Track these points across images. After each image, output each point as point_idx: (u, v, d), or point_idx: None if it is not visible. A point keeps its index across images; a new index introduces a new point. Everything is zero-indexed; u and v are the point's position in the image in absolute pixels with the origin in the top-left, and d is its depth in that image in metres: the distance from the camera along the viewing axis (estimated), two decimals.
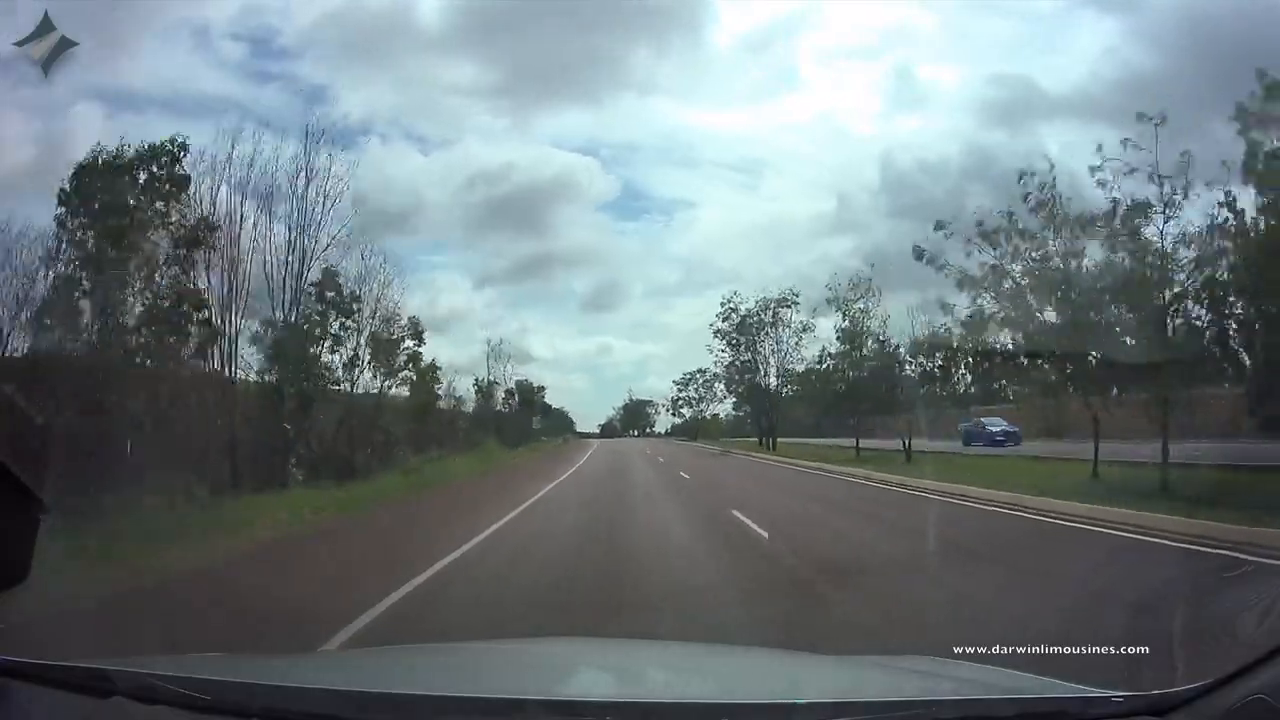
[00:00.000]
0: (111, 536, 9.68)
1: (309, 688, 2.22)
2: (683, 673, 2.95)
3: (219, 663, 2.78)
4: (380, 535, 12.73)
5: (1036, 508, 12.27)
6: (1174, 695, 1.92)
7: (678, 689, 2.68)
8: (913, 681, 2.63)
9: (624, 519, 13.34)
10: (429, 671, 2.83)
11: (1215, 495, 10.62)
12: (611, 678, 2.90)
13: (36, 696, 2.09)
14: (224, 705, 1.99)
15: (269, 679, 2.31)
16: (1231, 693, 1.85)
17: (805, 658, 3.73)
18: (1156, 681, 2.25)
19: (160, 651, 4.13)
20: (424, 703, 2.06)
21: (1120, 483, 13.92)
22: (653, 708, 2.14)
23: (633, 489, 19.94)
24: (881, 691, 2.32)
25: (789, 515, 13.46)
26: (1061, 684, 2.28)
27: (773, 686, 2.68)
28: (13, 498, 2.01)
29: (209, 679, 2.13)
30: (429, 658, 3.24)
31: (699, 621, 6.12)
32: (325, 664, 3.18)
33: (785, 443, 46.17)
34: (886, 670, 2.88)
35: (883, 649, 4.72)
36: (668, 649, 3.83)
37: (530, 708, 1.96)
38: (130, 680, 2.08)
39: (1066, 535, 10.18)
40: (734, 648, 4.16)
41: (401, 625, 6.19)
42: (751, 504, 14.71)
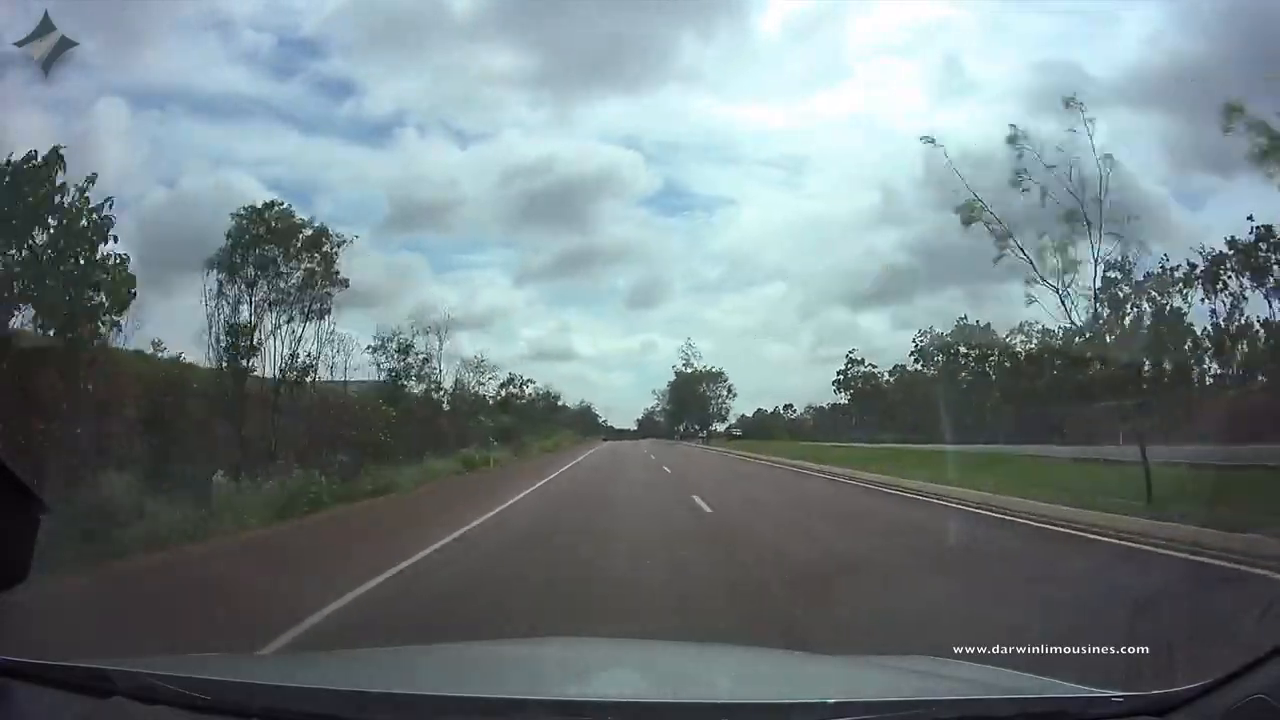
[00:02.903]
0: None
1: (309, 688, 2.22)
2: (683, 673, 2.95)
3: (219, 663, 2.79)
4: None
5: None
6: (1174, 695, 1.92)
7: (678, 689, 2.68)
8: (912, 681, 2.63)
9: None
10: (429, 671, 2.83)
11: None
12: (611, 678, 2.90)
13: (36, 696, 2.09)
14: (224, 705, 1.99)
15: (269, 679, 2.32)
16: (1231, 693, 1.85)
17: (805, 658, 3.73)
18: (1156, 681, 2.25)
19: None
20: (424, 703, 2.06)
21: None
22: (653, 708, 2.14)
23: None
24: (881, 691, 2.32)
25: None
26: (1061, 684, 2.29)
27: (772, 686, 2.68)
28: (13, 498, 2.01)
29: (209, 679, 2.13)
30: (429, 658, 3.24)
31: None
32: (325, 664, 3.18)
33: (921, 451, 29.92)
34: (886, 670, 2.88)
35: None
36: (668, 649, 3.83)
37: (530, 708, 1.96)
38: (130, 680, 2.08)
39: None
40: (734, 648, 4.15)
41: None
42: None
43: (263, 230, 19.08)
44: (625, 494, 19.50)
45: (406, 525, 13.50)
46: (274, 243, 19.15)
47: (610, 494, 19.55)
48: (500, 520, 14.02)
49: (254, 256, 18.87)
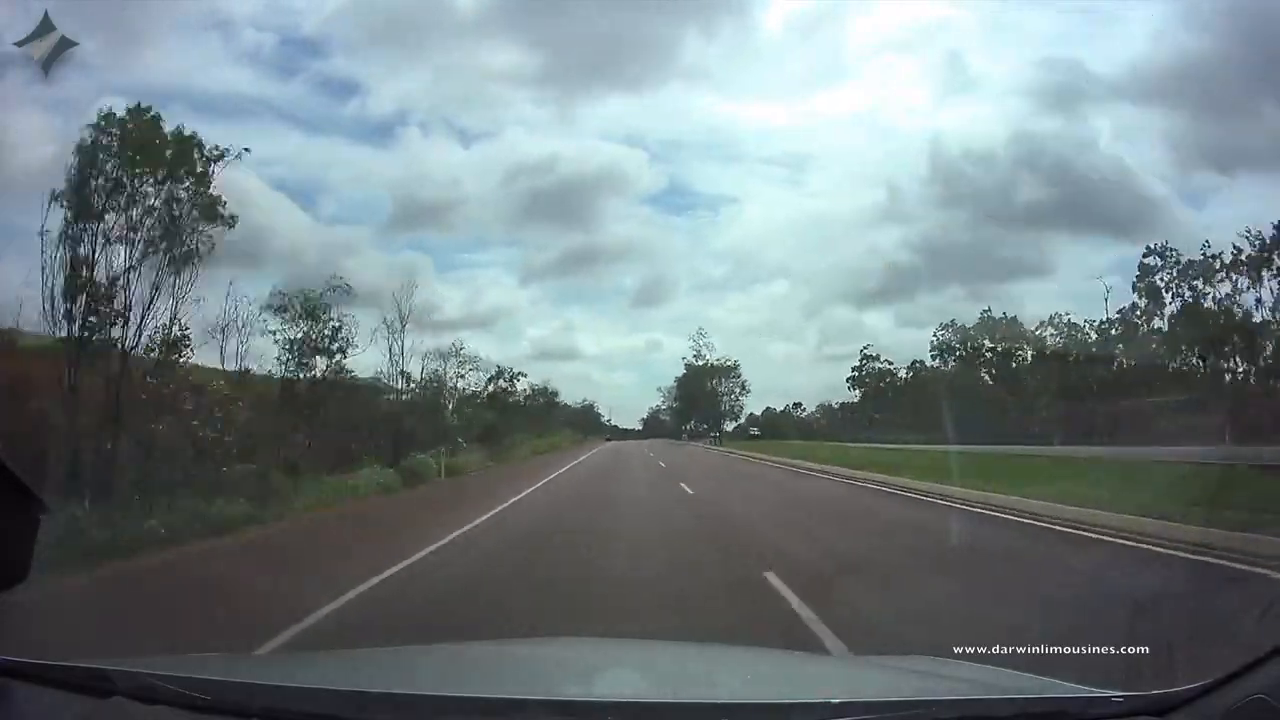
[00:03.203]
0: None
1: (309, 688, 2.22)
2: (683, 673, 2.95)
3: (219, 663, 2.79)
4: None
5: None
6: (1174, 695, 1.91)
7: (678, 689, 2.68)
8: (912, 681, 2.63)
9: None
10: (429, 671, 2.83)
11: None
12: (611, 678, 2.90)
13: (36, 696, 2.09)
14: (224, 705, 1.99)
15: (269, 679, 2.32)
16: (1231, 693, 1.85)
17: (805, 658, 3.73)
18: (1157, 681, 2.25)
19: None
20: (424, 703, 2.06)
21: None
22: (653, 708, 2.14)
23: None
24: (881, 691, 2.32)
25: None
26: (1061, 684, 2.29)
27: (773, 686, 2.68)
28: (13, 498, 2.01)
29: (209, 679, 2.13)
30: (429, 658, 3.24)
31: None
32: (325, 664, 3.17)
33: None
34: (886, 670, 2.88)
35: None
36: (668, 649, 3.82)
37: (530, 708, 1.96)
38: (130, 680, 2.08)
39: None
40: (734, 648, 4.15)
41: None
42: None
43: (114, 142, 14.05)
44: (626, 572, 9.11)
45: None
46: (133, 159, 14.02)
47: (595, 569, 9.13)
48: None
49: (102, 181, 13.84)
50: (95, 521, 10.22)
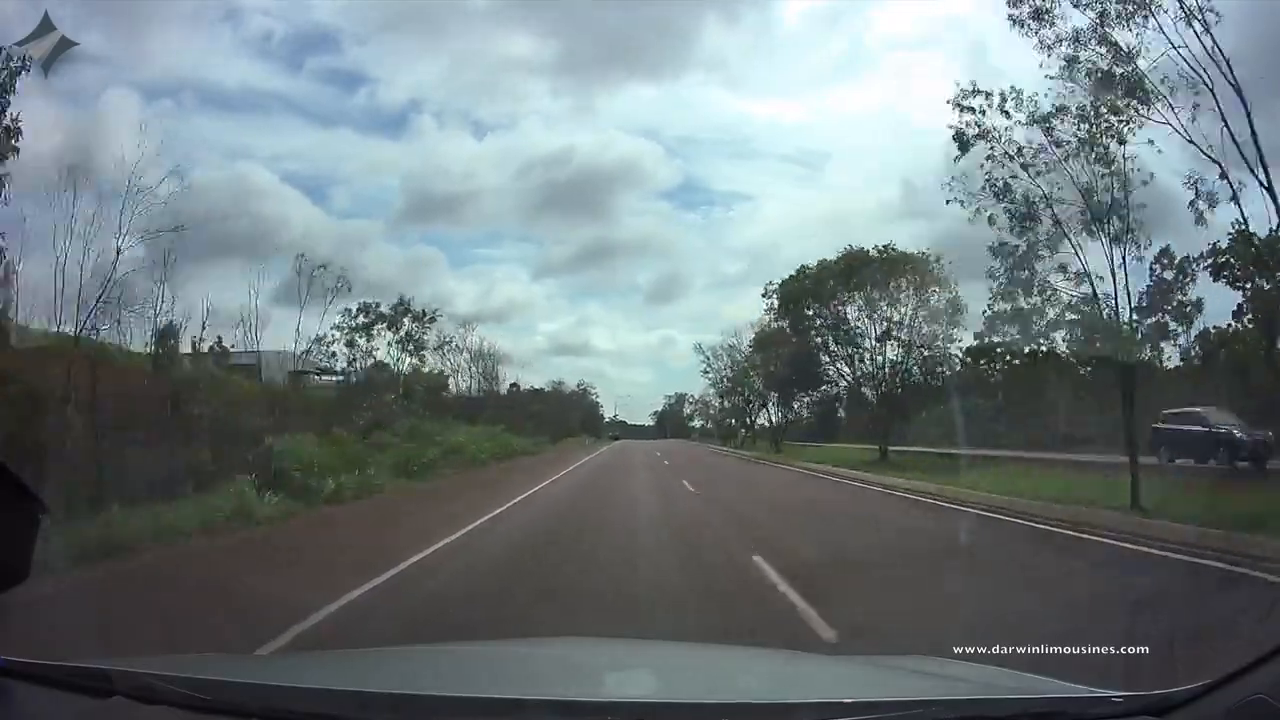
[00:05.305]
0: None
1: (309, 688, 2.22)
2: (683, 673, 2.95)
3: (219, 663, 2.79)
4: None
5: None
6: (1174, 695, 1.91)
7: (678, 689, 2.67)
8: (912, 681, 2.62)
9: None
10: (429, 671, 2.82)
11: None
12: (611, 678, 2.90)
13: (36, 696, 2.09)
14: (224, 705, 1.99)
15: (269, 679, 2.31)
16: (1231, 693, 1.85)
17: (805, 658, 3.73)
18: (1157, 681, 2.24)
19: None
20: (424, 703, 2.06)
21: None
22: (653, 708, 2.14)
23: None
24: (881, 691, 2.32)
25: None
26: (1061, 684, 2.28)
27: (772, 686, 2.68)
28: (13, 498, 2.01)
29: (209, 679, 2.13)
30: (429, 658, 3.23)
31: None
32: (325, 664, 3.17)
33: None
34: (886, 670, 2.88)
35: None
36: (668, 649, 3.82)
37: (530, 708, 1.96)
38: (130, 680, 2.08)
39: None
40: (734, 647, 4.15)
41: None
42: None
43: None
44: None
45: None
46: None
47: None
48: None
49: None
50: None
